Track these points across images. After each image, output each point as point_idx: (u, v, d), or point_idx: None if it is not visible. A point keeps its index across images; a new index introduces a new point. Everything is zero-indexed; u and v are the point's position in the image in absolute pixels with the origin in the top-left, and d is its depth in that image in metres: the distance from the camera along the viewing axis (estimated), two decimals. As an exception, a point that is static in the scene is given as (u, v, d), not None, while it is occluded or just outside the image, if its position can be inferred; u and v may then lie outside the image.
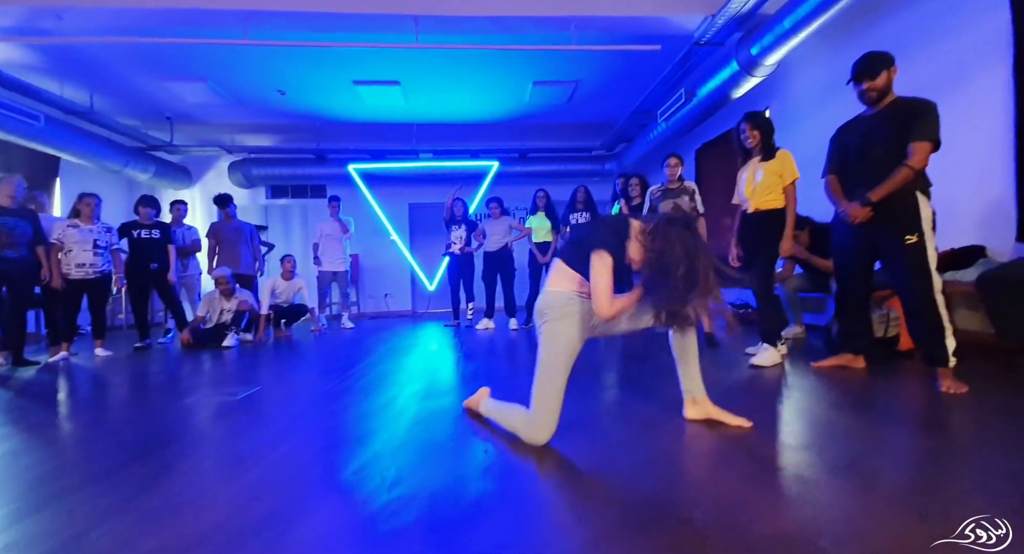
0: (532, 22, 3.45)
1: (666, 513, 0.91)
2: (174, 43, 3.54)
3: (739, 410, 1.52)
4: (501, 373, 2.46)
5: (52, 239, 3.37)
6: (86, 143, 4.97)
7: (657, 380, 2.06)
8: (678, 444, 1.31)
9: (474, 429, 1.48)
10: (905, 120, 1.79)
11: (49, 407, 2.03)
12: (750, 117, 2.47)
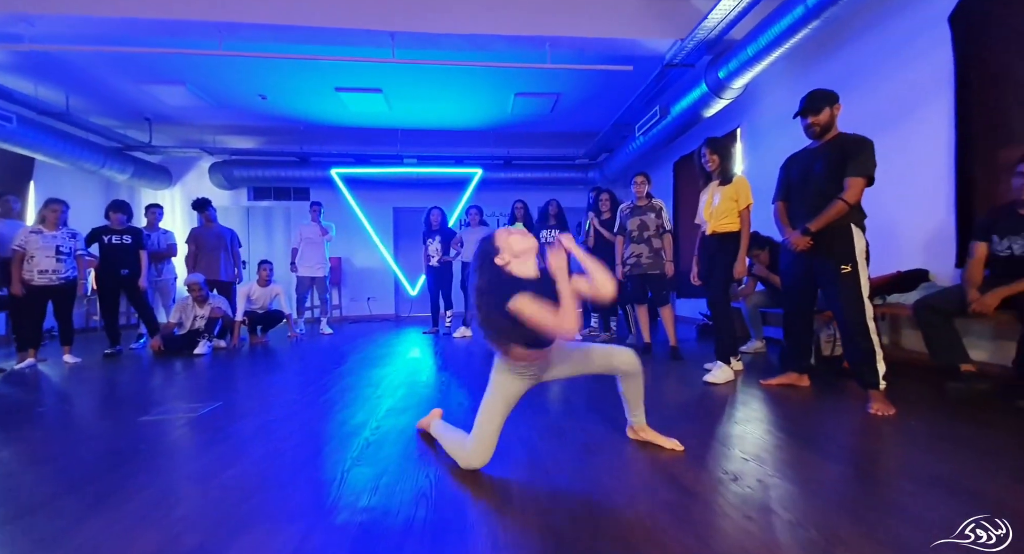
0: (506, 40, 3.52)
1: (585, 538, 0.97)
2: (149, 52, 3.52)
3: (681, 429, 1.60)
4: (472, 384, 2.51)
5: (14, 246, 3.33)
6: (61, 143, 4.90)
7: (605, 402, 2.14)
8: (613, 468, 1.38)
9: (423, 452, 1.53)
10: (844, 155, 1.89)
11: (3, 423, 2.03)
12: (710, 142, 2.56)
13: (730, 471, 1.31)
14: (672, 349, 3.15)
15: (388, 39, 3.41)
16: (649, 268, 3.25)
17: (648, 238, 3.25)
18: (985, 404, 1.87)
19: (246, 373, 3.08)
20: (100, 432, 1.84)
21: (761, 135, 4.17)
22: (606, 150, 6.71)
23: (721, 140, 2.60)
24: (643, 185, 3.36)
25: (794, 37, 2.86)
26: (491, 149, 7.01)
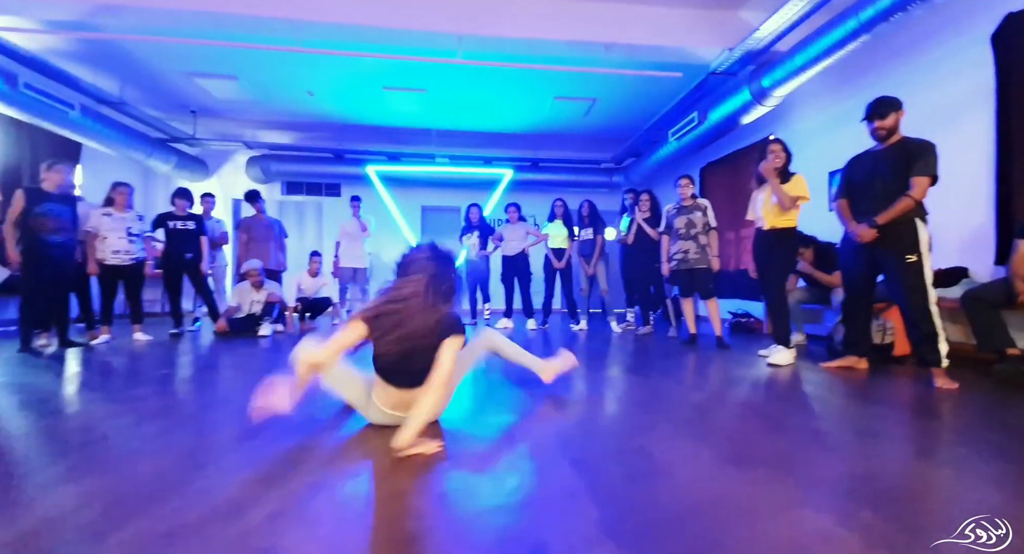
0: (565, 45, 3.73)
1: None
2: (225, 45, 3.68)
3: (768, 399, 1.78)
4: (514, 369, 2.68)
5: (87, 227, 3.48)
6: (114, 133, 5.05)
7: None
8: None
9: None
10: (908, 157, 2.09)
11: (145, 382, 2.18)
12: (780, 141, 2.75)
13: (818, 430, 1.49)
14: (718, 339, 3.33)
15: (455, 41, 3.60)
16: (696, 263, 3.44)
17: (695, 235, 3.45)
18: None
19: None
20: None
21: (796, 143, 4.34)
22: (633, 154, 6.93)
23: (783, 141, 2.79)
24: (688, 187, 3.56)
25: (843, 50, 3.08)
26: (520, 151, 7.22)
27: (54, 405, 1.78)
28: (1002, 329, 2.19)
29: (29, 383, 2.18)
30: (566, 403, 1.81)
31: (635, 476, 1.10)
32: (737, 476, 1.10)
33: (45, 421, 1.56)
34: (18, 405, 1.79)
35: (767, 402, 1.83)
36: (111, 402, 1.82)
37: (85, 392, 2.03)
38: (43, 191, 3.11)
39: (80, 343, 3.26)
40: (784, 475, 1.11)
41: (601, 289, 4.53)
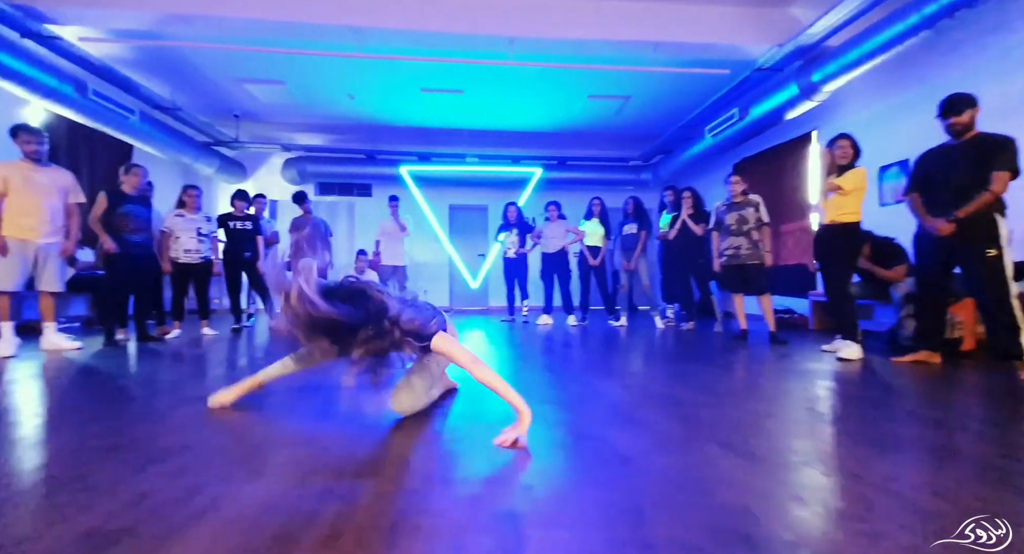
0: (615, 45, 3.78)
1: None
2: (292, 53, 3.81)
3: (849, 393, 1.82)
4: (557, 364, 2.75)
5: (162, 227, 3.65)
6: (167, 137, 5.25)
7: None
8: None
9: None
10: (986, 152, 2.11)
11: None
12: (847, 135, 2.78)
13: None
14: (772, 334, 3.36)
15: (507, 44, 3.69)
16: (747, 258, 3.47)
17: (747, 231, 3.48)
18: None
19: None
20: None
21: (840, 137, 4.37)
22: (662, 152, 6.94)
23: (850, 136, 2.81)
24: (739, 183, 3.59)
25: (902, 45, 3.09)
26: (548, 150, 7.28)
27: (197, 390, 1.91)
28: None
29: (157, 374, 2.32)
30: (669, 399, 1.88)
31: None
32: (904, 462, 1.15)
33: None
34: (171, 394, 1.92)
35: (870, 393, 1.86)
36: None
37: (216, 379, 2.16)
38: (123, 193, 3.27)
39: (156, 338, 3.42)
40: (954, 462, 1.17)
41: (643, 284, 4.58)
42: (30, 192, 2.82)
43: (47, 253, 2.89)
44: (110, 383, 2.09)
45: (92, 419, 1.50)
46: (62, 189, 2.98)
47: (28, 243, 2.82)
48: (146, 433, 1.36)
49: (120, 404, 1.73)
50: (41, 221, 2.85)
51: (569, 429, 1.39)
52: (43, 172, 2.91)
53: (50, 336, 2.96)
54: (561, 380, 2.18)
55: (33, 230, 2.83)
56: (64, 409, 1.68)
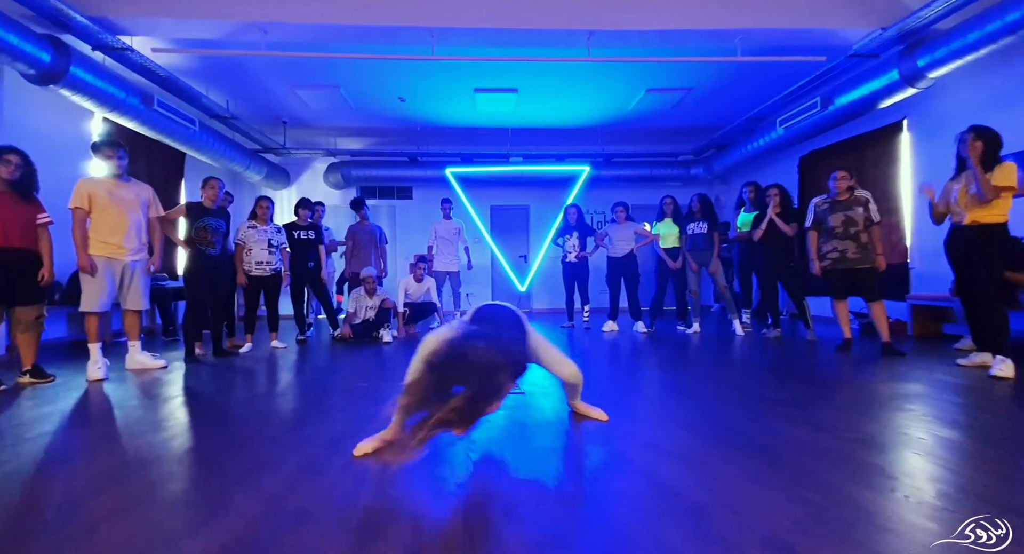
0: (698, 35, 3.54)
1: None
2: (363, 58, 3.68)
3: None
4: (628, 376, 2.55)
5: (236, 240, 3.59)
6: (222, 147, 5.23)
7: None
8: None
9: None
10: None
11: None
12: (975, 128, 2.50)
13: None
14: (885, 345, 3.09)
15: (585, 38, 3.49)
16: (857, 263, 3.20)
17: (855, 233, 3.21)
18: None
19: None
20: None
21: (937, 128, 4.03)
22: (715, 146, 6.64)
23: (986, 128, 2.53)
24: (845, 180, 3.30)
25: (1016, 33, 2.78)
26: (593, 147, 7.05)
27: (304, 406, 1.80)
28: None
29: (262, 399, 2.23)
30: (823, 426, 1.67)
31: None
32: None
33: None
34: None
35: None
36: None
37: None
38: (203, 206, 3.20)
39: (230, 352, 3.35)
40: None
41: (720, 286, 4.34)
42: (116, 208, 2.76)
43: (134, 270, 2.84)
44: (232, 412, 1.99)
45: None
46: (145, 203, 2.92)
47: (116, 261, 2.77)
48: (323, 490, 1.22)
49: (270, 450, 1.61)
50: (128, 238, 2.80)
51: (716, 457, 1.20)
52: (126, 187, 2.85)
53: (135, 355, 2.91)
54: (680, 401, 1.99)
55: (121, 247, 2.77)
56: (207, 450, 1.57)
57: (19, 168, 2.45)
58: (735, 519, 0.99)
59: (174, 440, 1.60)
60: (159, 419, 1.87)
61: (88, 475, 1.31)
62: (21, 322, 2.55)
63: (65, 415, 1.96)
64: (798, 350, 3.36)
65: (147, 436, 1.65)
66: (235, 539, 0.94)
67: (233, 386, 2.48)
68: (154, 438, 1.62)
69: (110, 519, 1.04)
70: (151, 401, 2.17)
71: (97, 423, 1.87)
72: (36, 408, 2.05)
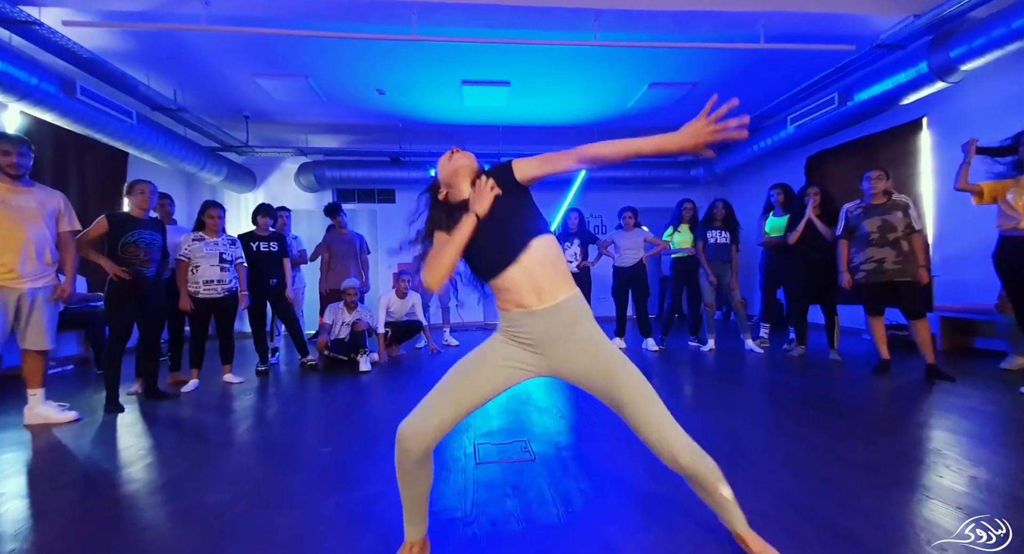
0: (715, 17, 3.14)
1: None
2: (338, 37, 3.11)
3: None
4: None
5: (179, 255, 2.97)
6: (170, 143, 4.56)
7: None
8: None
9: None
10: None
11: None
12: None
13: None
14: (930, 367, 2.75)
15: (592, 20, 3.03)
16: (896, 275, 2.86)
17: (895, 240, 2.86)
18: None
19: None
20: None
21: (960, 127, 3.75)
22: (718, 146, 6.30)
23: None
24: (881, 180, 2.96)
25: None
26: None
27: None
28: None
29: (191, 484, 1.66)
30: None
31: None
32: None
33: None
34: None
35: None
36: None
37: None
38: (131, 217, 2.59)
39: (168, 394, 2.74)
40: None
41: (736, 301, 3.96)
42: (10, 221, 2.14)
43: (33, 300, 2.21)
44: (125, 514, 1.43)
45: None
46: (52, 214, 2.30)
47: (8, 290, 2.15)
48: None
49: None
50: (25, 259, 2.18)
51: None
52: (26, 193, 2.23)
53: (36, 407, 2.28)
54: (725, 445, 1.55)
55: (13, 271, 2.15)
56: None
57: None
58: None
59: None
60: (46, 511, 1.31)
61: None
62: None
63: None
64: (825, 373, 2.99)
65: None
66: None
67: (157, 450, 1.90)
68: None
69: None
70: (40, 480, 1.59)
71: None
72: None
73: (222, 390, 2.93)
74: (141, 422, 2.30)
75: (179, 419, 2.36)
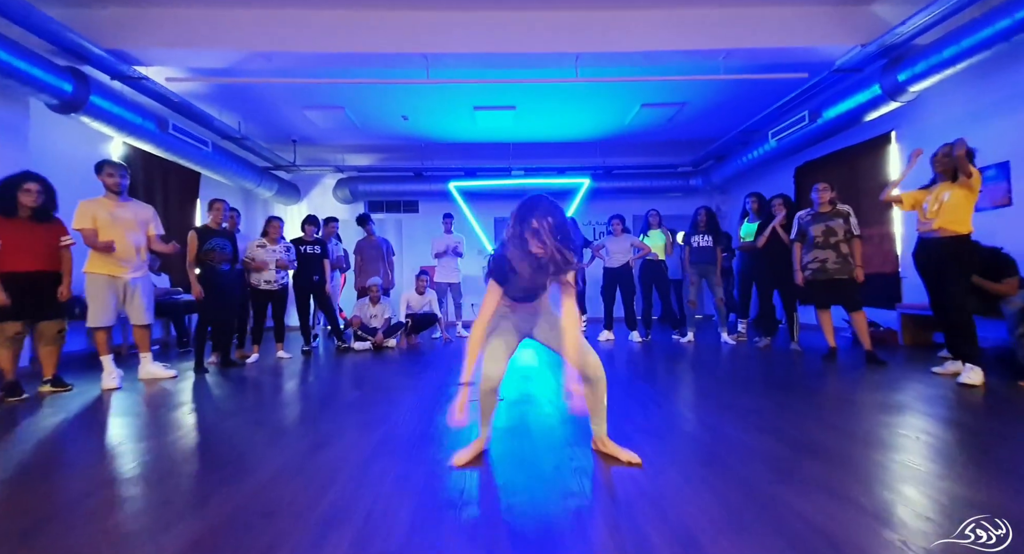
0: (682, 54, 3.68)
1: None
2: (361, 83, 3.89)
3: (986, 429, 1.64)
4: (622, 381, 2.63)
5: (245, 257, 3.79)
6: (235, 165, 5.49)
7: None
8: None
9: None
10: None
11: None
12: (962, 142, 2.57)
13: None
14: (869, 354, 3.14)
15: (572, 60, 3.65)
16: (836, 273, 3.27)
17: (835, 243, 3.28)
18: None
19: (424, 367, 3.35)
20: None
21: (925, 140, 4.05)
22: (714, 157, 6.73)
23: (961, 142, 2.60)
24: (826, 192, 3.39)
25: (992, 48, 2.87)
26: (594, 159, 7.20)
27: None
28: None
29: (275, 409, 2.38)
30: (767, 454, 1.75)
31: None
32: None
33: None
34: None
35: (1009, 427, 1.69)
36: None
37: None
38: (208, 228, 3.41)
39: (237, 363, 3.53)
40: None
41: (717, 298, 4.41)
42: (117, 229, 2.92)
43: (135, 287, 3.01)
44: (245, 418, 2.14)
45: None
46: (143, 223, 3.08)
47: (117, 279, 2.95)
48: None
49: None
50: (127, 256, 2.96)
51: (666, 463, 1.30)
52: (126, 207, 3.01)
53: (147, 366, 3.09)
54: (646, 408, 2.09)
55: (120, 266, 2.94)
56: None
57: (40, 194, 2.65)
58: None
59: (173, 445, 1.75)
60: (162, 426, 2.03)
61: (91, 475, 1.46)
62: (44, 336, 2.75)
63: (79, 421, 2.13)
64: (783, 359, 3.41)
65: (149, 441, 1.80)
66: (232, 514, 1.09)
67: (235, 394, 2.64)
68: (154, 442, 1.77)
69: (103, 514, 1.19)
70: (157, 409, 2.33)
71: (104, 429, 2.04)
72: (53, 415, 2.23)
73: (275, 362, 3.69)
74: (219, 380, 3.06)
75: (245, 379, 3.10)
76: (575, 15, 3.49)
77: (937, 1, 2.96)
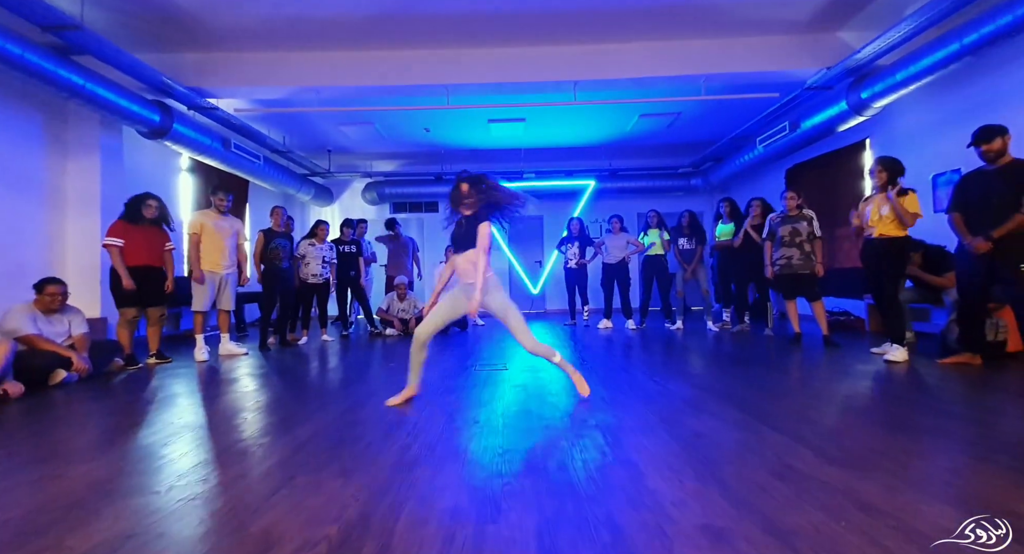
0: (668, 80, 4.21)
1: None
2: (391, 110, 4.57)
3: (894, 395, 2.19)
4: (612, 363, 3.22)
5: (296, 254, 4.54)
6: (279, 174, 6.28)
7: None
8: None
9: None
10: (1020, 177, 2.38)
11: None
12: (881, 160, 3.06)
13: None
14: (825, 337, 3.65)
15: (571, 86, 4.23)
16: (799, 268, 3.78)
17: (799, 243, 3.79)
18: None
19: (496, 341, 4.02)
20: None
21: (897, 147, 4.47)
22: (712, 159, 7.17)
23: (891, 159, 3.08)
24: (793, 199, 3.88)
25: (945, 69, 3.30)
26: (599, 162, 7.73)
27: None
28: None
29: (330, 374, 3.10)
30: (732, 396, 2.34)
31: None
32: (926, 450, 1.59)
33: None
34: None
35: (908, 392, 2.22)
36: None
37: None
38: (272, 230, 4.16)
39: (292, 343, 4.30)
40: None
41: (702, 290, 4.95)
42: (218, 236, 3.72)
43: (227, 281, 3.79)
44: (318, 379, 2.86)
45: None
46: (236, 233, 3.87)
47: (216, 274, 3.73)
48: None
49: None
50: (224, 257, 3.75)
51: (651, 414, 1.91)
52: (225, 220, 3.82)
53: (226, 344, 3.87)
54: (636, 380, 2.69)
55: (219, 264, 3.73)
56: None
57: (157, 209, 3.45)
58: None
59: (253, 396, 2.47)
60: (245, 385, 2.75)
61: (237, 405, 2.19)
62: (151, 318, 3.55)
63: (188, 382, 2.89)
64: (752, 342, 3.95)
65: (233, 394, 2.53)
66: (314, 433, 1.77)
67: (296, 365, 3.37)
68: (239, 396, 2.49)
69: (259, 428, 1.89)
70: (239, 374, 3.08)
71: (232, 384, 2.79)
72: (165, 378, 3.00)
73: (321, 343, 4.45)
74: (280, 356, 3.81)
75: (299, 355, 3.84)
76: (572, 49, 4.07)
77: (893, 28, 3.40)
